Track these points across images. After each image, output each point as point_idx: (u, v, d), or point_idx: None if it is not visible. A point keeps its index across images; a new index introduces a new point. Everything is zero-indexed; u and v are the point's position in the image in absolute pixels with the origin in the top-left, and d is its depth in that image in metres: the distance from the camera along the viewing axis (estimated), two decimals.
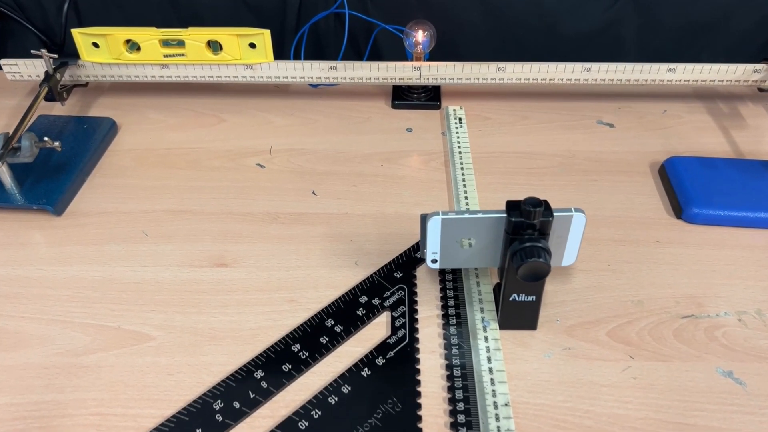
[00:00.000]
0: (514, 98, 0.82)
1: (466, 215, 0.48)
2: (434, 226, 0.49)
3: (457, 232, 0.49)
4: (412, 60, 0.78)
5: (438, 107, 0.80)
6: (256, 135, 0.75)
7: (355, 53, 0.93)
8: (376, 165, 0.70)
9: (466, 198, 0.65)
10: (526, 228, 0.46)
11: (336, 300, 0.54)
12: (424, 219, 0.49)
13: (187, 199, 0.65)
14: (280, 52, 0.91)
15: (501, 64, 0.75)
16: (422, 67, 0.75)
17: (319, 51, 0.92)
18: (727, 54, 0.90)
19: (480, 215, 0.48)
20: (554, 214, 0.46)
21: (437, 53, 0.81)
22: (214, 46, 0.74)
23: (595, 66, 0.75)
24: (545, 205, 0.46)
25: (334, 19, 0.89)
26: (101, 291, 0.55)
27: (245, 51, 0.74)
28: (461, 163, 0.70)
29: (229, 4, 0.88)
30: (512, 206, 0.47)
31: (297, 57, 0.86)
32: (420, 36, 0.76)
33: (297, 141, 0.74)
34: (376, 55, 0.91)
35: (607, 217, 0.63)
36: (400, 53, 0.81)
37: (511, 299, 0.50)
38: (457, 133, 0.75)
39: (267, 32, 0.72)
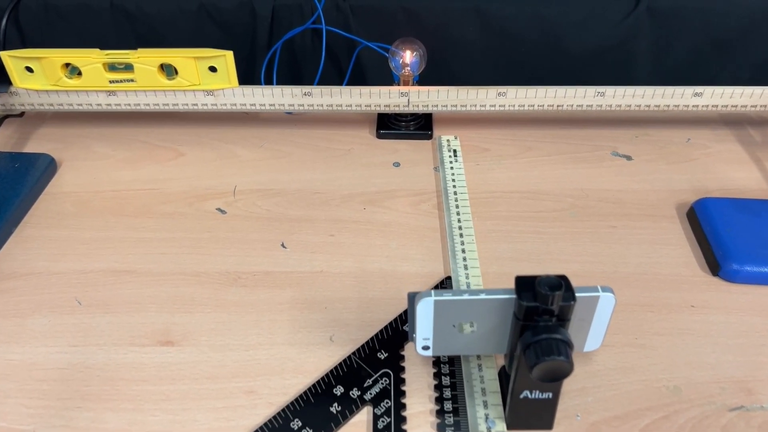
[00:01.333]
0: (517, 125, 0.72)
1: (465, 296, 0.38)
2: (425, 309, 0.39)
3: (454, 316, 0.39)
4: (399, 83, 0.69)
5: (429, 137, 0.71)
6: (219, 172, 0.65)
7: (336, 72, 0.83)
8: (358, 208, 0.61)
9: (463, 251, 0.55)
10: (542, 313, 0.37)
11: (305, 392, 0.44)
12: (412, 300, 0.40)
13: (132, 256, 0.55)
14: (251, 72, 0.82)
15: (501, 89, 0.66)
16: (411, 93, 0.66)
17: (294, 70, 0.82)
18: (752, 71, 0.81)
19: (483, 296, 0.38)
20: (576, 295, 0.37)
21: (428, 74, 0.72)
22: (168, 70, 0.64)
23: (609, 90, 0.66)
24: (565, 285, 0.36)
25: (312, 35, 0.79)
26: (16, 381, 0.45)
27: (205, 75, 0.64)
28: (457, 206, 0.60)
29: (191, 18, 0.78)
30: (524, 285, 0.37)
31: (269, 77, 0.77)
32: (408, 57, 0.67)
33: (266, 179, 0.64)
34: (359, 76, 0.81)
35: (630, 275, 0.54)
36: (388, 73, 0.72)
37: (522, 396, 0.40)
38: (451, 168, 0.65)
39: (229, 54, 0.63)
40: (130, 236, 0.58)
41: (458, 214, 0.59)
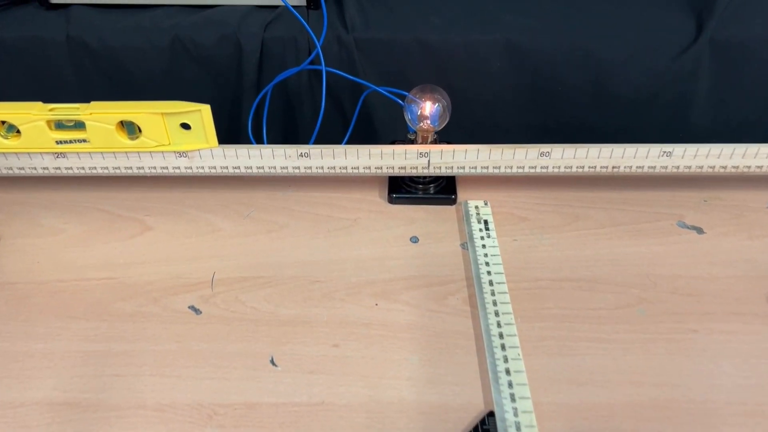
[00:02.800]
0: (558, 186, 0.60)
1: None
2: None
3: None
4: (414, 136, 0.56)
5: (453, 202, 0.58)
6: (195, 252, 0.53)
7: (339, 116, 0.72)
8: (368, 304, 0.49)
9: (507, 371, 0.43)
10: None
11: None
12: None
13: (79, 380, 0.43)
14: (236, 117, 0.70)
15: (545, 148, 0.54)
16: (432, 153, 0.54)
17: (289, 114, 0.70)
18: None
19: None
20: None
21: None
22: (130, 128, 0.52)
23: (678, 149, 0.54)
24: None
25: (309, 73, 0.67)
26: None
27: (176, 133, 0.52)
28: (494, 302, 0.48)
29: (164, 54, 0.66)
30: None
31: (258, 124, 0.65)
32: (428, 108, 0.55)
33: (253, 262, 0.52)
34: (366, 119, 0.69)
35: (726, 406, 0.41)
36: (402, 115, 0.60)
37: None
38: (483, 246, 0.53)
39: (205, 109, 0.50)
40: (78, 349, 0.45)
41: (497, 314, 0.47)
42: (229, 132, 0.68)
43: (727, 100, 0.69)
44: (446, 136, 0.61)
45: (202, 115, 0.51)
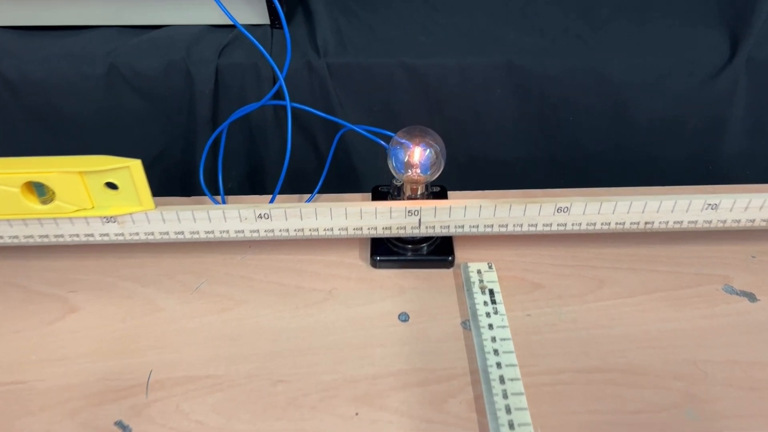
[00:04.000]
0: (575, 242, 0.50)
1: None
2: None
3: None
4: (401, 188, 0.46)
5: (450, 264, 0.48)
6: (128, 342, 0.43)
7: (311, 151, 0.62)
8: (347, 414, 0.38)
9: None
10: None
11: None
12: None
13: None
14: (190, 157, 0.59)
15: (563, 202, 0.44)
16: (424, 210, 0.44)
17: (252, 153, 0.60)
18: None
19: None
20: None
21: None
22: (40, 189, 0.41)
23: (726, 200, 0.44)
24: None
25: (275, 105, 0.57)
26: None
27: (100, 195, 0.42)
28: (507, 408, 0.38)
29: (100, 86, 0.56)
30: None
31: (212, 167, 0.54)
32: (417, 155, 0.44)
33: (199, 355, 0.42)
34: (345, 161, 0.59)
35: None
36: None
37: None
38: (489, 324, 0.43)
39: (135, 164, 0.40)
40: None
41: (511, 426, 0.37)
42: (182, 180, 0.58)
43: (765, 125, 0.60)
44: (438, 177, 0.51)
45: (131, 172, 0.40)
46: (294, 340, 0.43)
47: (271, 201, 0.50)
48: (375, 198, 0.53)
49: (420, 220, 0.44)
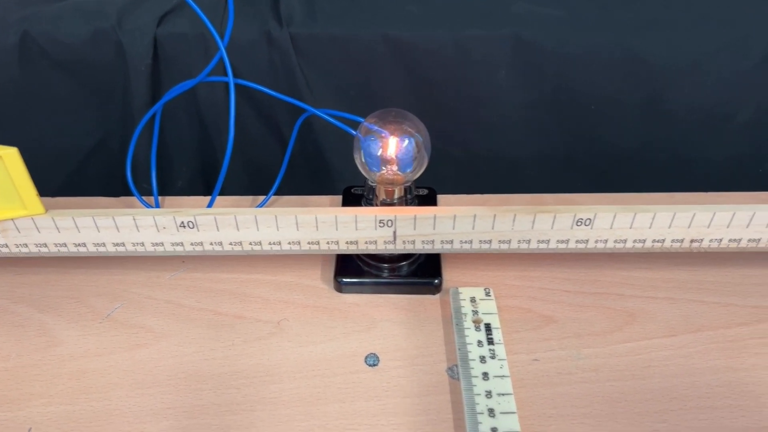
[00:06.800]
0: (597, 261, 0.40)
1: None
2: None
3: None
4: (376, 193, 0.37)
5: (436, 289, 0.38)
6: (6, 389, 0.33)
7: (276, 140, 0.52)
8: None
9: None
10: None
11: None
12: None
13: None
14: (125, 146, 0.49)
15: (584, 212, 0.34)
16: (399, 221, 0.34)
17: (206, 142, 0.51)
18: None
19: None
20: None
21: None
22: None
23: None
24: None
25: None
26: None
27: None
28: None
29: (12, 56, 0.46)
30: None
31: (142, 157, 0.45)
32: (393, 147, 0.34)
33: (97, 406, 0.32)
34: (314, 152, 0.50)
35: None
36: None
37: None
38: (484, 373, 0.33)
39: (9, 154, 0.30)
40: None
41: None
42: (124, 177, 0.48)
43: None
44: (427, 178, 0.41)
45: (4, 164, 0.31)
46: (224, 389, 0.33)
47: (210, 204, 0.41)
48: (346, 202, 0.43)
49: (395, 232, 0.34)
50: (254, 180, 0.53)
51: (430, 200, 0.43)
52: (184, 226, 0.34)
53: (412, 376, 0.34)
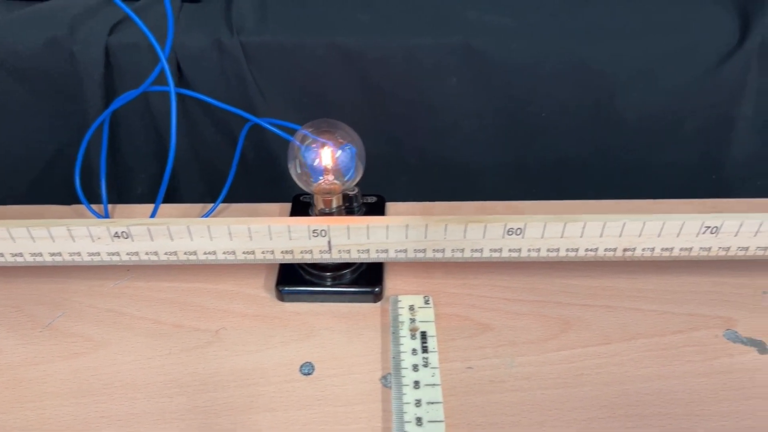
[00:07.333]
0: (538, 270, 0.41)
1: None
2: None
3: None
4: (313, 204, 0.37)
5: (377, 297, 0.39)
6: None
7: (228, 146, 0.52)
8: None
9: None
10: None
11: None
12: None
13: None
14: (85, 157, 0.50)
15: (514, 222, 0.34)
16: (332, 230, 0.34)
17: (164, 150, 0.51)
18: None
19: None
20: None
21: (379, 160, 0.41)
22: None
23: (731, 222, 0.34)
24: None
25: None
26: None
27: None
28: None
29: None
30: None
31: (112, 165, 0.45)
32: (326, 157, 0.35)
33: (30, 416, 0.33)
34: (266, 161, 0.50)
35: None
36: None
37: None
38: (415, 380, 0.33)
39: None
40: None
41: None
42: (83, 184, 0.48)
43: None
44: (381, 185, 0.42)
45: None
46: (158, 399, 0.33)
47: (153, 213, 0.41)
48: (295, 210, 0.43)
49: (329, 242, 0.35)
50: (211, 187, 0.53)
51: (378, 208, 0.44)
52: (118, 236, 0.34)
53: (346, 385, 0.34)
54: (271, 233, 0.34)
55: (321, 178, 0.36)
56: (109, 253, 0.35)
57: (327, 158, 0.35)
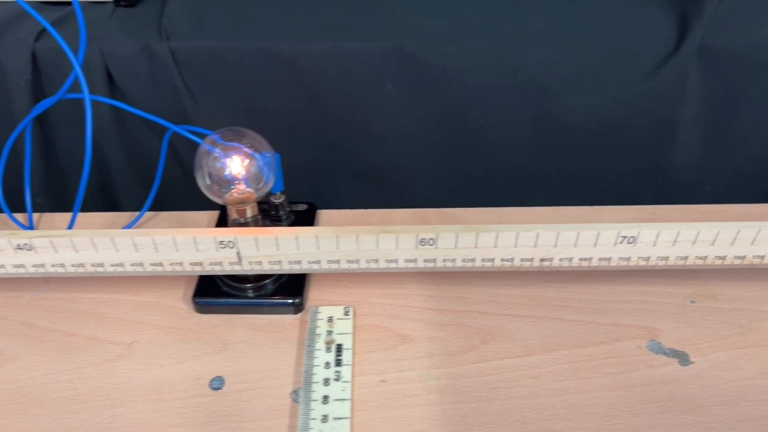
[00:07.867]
0: (465, 278, 0.40)
1: None
2: None
3: None
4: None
5: (297, 309, 0.38)
6: None
7: (170, 157, 0.51)
8: None
9: None
10: None
11: None
12: None
13: None
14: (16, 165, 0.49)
15: (426, 232, 0.34)
16: (240, 242, 0.33)
17: (96, 159, 0.50)
18: None
19: None
20: None
21: (312, 170, 0.40)
22: None
23: (647, 232, 0.33)
24: None
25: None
26: None
27: None
28: None
29: None
30: None
31: (42, 174, 0.45)
32: (236, 165, 0.34)
33: None
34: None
35: None
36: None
37: None
38: (324, 395, 0.33)
39: None
40: None
41: None
42: (14, 194, 0.47)
43: (724, 128, 0.49)
44: (321, 191, 0.41)
45: None
46: (62, 415, 0.33)
47: (70, 224, 0.40)
48: (223, 218, 0.43)
49: (239, 253, 0.34)
50: (168, 197, 0.52)
51: (308, 216, 0.43)
52: (20, 248, 0.33)
53: (255, 400, 0.33)
54: (177, 245, 0.33)
55: (233, 187, 0.35)
56: (14, 266, 0.34)
57: (237, 167, 0.34)
